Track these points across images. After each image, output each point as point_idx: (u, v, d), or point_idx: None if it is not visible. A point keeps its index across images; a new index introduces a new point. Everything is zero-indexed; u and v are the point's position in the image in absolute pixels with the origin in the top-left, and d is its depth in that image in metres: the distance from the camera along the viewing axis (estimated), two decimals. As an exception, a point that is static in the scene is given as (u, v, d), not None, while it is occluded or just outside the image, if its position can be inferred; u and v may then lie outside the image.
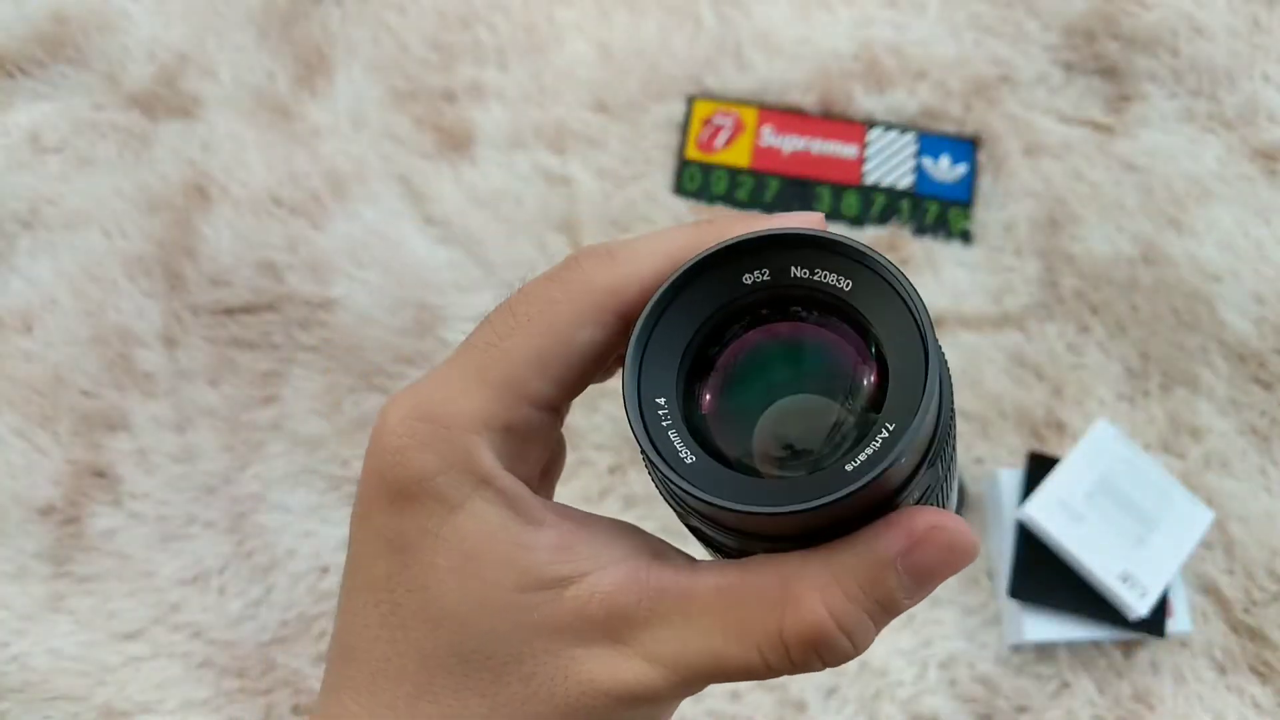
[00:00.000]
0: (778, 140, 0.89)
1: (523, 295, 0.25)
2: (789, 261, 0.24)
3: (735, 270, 0.24)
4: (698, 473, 0.22)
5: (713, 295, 0.24)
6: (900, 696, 0.72)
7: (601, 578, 0.23)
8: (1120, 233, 0.85)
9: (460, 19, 0.94)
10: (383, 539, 0.24)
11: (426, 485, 0.23)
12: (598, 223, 0.86)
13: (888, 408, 0.22)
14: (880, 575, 0.22)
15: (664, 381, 0.23)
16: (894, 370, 0.22)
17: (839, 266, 0.23)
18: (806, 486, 0.21)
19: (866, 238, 0.85)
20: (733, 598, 0.22)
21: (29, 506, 0.78)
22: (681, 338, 0.24)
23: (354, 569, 0.24)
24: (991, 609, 0.75)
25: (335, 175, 0.88)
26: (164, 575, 0.77)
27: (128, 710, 0.73)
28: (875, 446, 0.21)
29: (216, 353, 0.83)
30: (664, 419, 0.23)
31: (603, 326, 0.24)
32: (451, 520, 0.23)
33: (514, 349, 0.24)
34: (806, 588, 0.22)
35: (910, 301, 0.22)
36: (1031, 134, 0.89)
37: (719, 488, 0.22)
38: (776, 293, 0.24)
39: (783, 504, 0.21)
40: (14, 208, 0.88)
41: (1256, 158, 0.88)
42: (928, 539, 0.22)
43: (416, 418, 0.23)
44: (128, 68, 0.93)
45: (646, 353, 0.23)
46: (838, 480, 0.21)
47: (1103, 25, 0.92)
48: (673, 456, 0.22)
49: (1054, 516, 0.72)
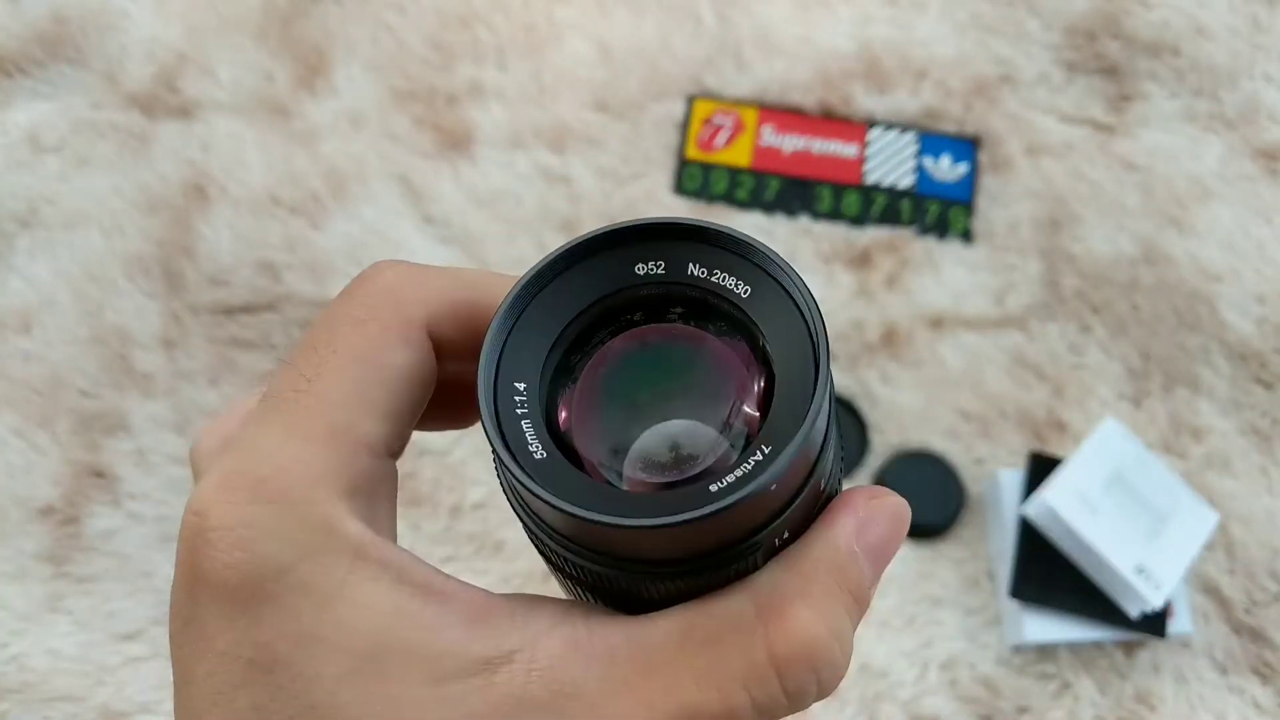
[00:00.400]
0: (778, 140, 0.89)
1: (323, 323, 0.21)
2: (687, 257, 0.21)
3: (628, 257, 0.21)
4: (547, 472, 0.19)
5: (602, 280, 0.21)
6: (901, 697, 0.72)
7: (536, 651, 0.19)
8: (1121, 232, 0.85)
9: (460, 18, 0.94)
10: (237, 659, 0.18)
11: (286, 580, 0.18)
12: (598, 222, 0.86)
13: (768, 427, 0.19)
14: (846, 564, 0.20)
15: (528, 366, 0.21)
16: (780, 388, 0.20)
17: (740, 270, 0.21)
18: (663, 501, 0.19)
19: (867, 237, 0.85)
20: (699, 635, 0.19)
21: (28, 507, 0.78)
22: (558, 320, 0.21)
23: (198, 709, 0.18)
24: (992, 610, 0.75)
25: (334, 175, 0.88)
26: (163, 575, 0.76)
27: (127, 711, 0.73)
28: (746, 468, 0.19)
29: (216, 353, 0.82)
30: (520, 406, 0.20)
31: (414, 345, 0.21)
32: (331, 615, 0.18)
33: (329, 389, 0.20)
34: (786, 598, 0.19)
35: (808, 317, 0.20)
36: (1033, 134, 0.89)
37: (567, 491, 0.19)
38: (668, 288, 0.21)
39: (631, 516, 0.18)
40: (13, 207, 0.88)
41: (1258, 157, 0.88)
42: (873, 512, 0.21)
43: (246, 498, 0.19)
44: (127, 67, 0.93)
45: (515, 328, 0.21)
46: (698, 498, 0.18)
47: (1104, 25, 0.92)
48: (522, 450, 0.19)
49: (1072, 507, 0.71)
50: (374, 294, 0.21)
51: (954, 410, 0.80)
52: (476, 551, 0.76)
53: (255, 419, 0.20)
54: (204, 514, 0.19)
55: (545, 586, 0.75)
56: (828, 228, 0.86)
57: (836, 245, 0.85)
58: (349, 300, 0.21)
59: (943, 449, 0.79)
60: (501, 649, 0.19)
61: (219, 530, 0.18)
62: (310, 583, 0.18)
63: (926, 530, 0.76)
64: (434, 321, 0.21)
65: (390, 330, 0.21)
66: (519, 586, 0.75)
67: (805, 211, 0.87)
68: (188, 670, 0.19)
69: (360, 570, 0.19)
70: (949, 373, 0.81)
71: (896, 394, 0.80)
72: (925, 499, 0.77)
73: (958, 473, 0.78)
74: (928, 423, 0.79)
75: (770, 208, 0.87)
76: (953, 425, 0.79)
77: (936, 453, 0.78)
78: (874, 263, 0.85)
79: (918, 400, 0.80)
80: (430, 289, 0.22)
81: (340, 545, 0.19)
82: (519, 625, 0.19)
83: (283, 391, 0.20)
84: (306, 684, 0.18)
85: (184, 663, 0.19)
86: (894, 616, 0.74)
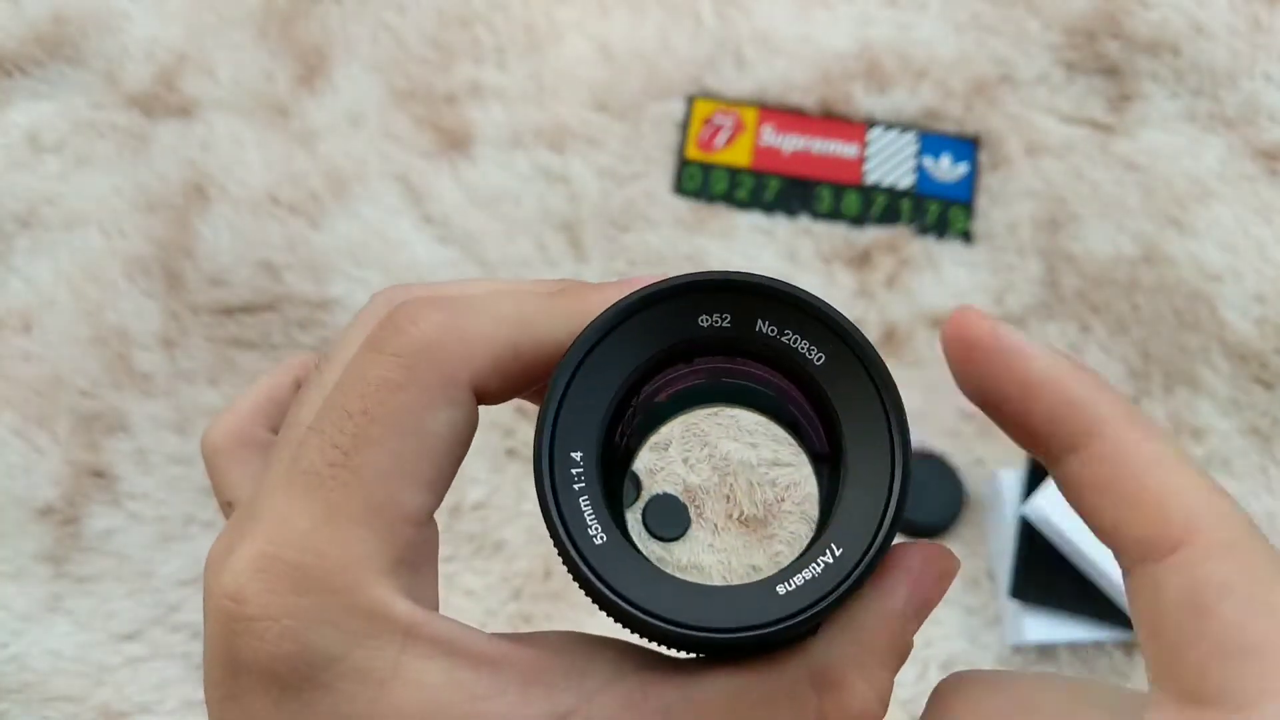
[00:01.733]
0: (778, 140, 0.89)
1: (352, 382, 0.19)
2: (755, 313, 0.20)
3: (690, 309, 0.20)
4: (607, 559, 0.19)
5: (660, 334, 0.20)
6: (900, 697, 0.72)
7: (592, 710, 0.19)
8: (1121, 232, 0.85)
9: (460, 18, 0.94)
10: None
11: (338, 668, 0.18)
12: (598, 222, 0.86)
13: (835, 523, 0.19)
14: (899, 631, 0.20)
15: (584, 432, 0.19)
16: (851, 476, 0.19)
17: (813, 334, 0.20)
18: (727, 600, 0.19)
19: (867, 237, 0.85)
20: (753, 698, 0.19)
21: (28, 507, 0.78)
22: (611, 383, 0.20)
23: None
24: (992, 610, 0.75)
25: (334, 175, 0.88)
26: (163, 576, 0.76)
27: (126, 711, 0.73)
28: (815, 572, 0.18)
29: (216, 353, 0.82)
30: (576, 480, 0.19)
31: (458, 405, 0.20)
32: (387, 697, 0.18)
33: (368, 465, 0.19)
34: (841, 670, 0.19)
35: (889, 411, 0.19)
36: (1033, 133, 0.89)
37: (628, 581, 0.19)
38: (737, 346, 0.20)
39: (694, 618, 0.18)
40: (12, 207, 0.88)
41: (1258, 157, 0.88)
42: (924, 575, 0.21)
43: (290, 589, 0.18)
44: (126, 67, 0.93)
45: (566, 397, 0.19)
46: (764, 602, 0.18)
47: (1104, 25, 0.92)
48: (581, 533, 0.19)
49: (1065, 511, 0.71)
50: (410, 350, 0.19)
51: (954, 410, 0.80)
52: (476, 551, 0.76)
53: (287, 492, 0.19)
54: (243, 601, 0.18)
55: (545, 586, 0.75)
56: (828, 228, 0.86)
57: (836, 245, 0.85)
58: (379, 355, 0.19)
59: (943, 449, 0.79)
60: (557, 708, 0.19)
61: (263, 621, 0.18)
62: (363, 669, 0.18)
63: (926, 530, 0.76)
64: (478, 377, 0.20)
65: (432, 394, 0.19)
66: (519, 587, 0.75)
67: (805, 211, 0.87)
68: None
69: (411, 649, 0.19)
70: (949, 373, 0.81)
71: (896, 394, 0.80)
72: (925, 499, 0.77)
73: (958, 473, 0.78)
74: (928, 423, 0.79)
75: (770, 208, 0.87)
76: (953, 425, 0.79)
77: (936, 453, 0.78)
78: (874, 263, 0.85)
79: (918, 400, 0.80)
80: (472, 340, 0.20)
81: (390, 627, 0.19)
82: (574, 684, 0.19)
83: (316, 465, 0.19)
84: None
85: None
86: (894, 616, 0.74)
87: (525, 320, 0.20)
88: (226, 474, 0.23)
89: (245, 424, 0.23)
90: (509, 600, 0.75)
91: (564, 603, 0.74)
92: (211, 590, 0.19)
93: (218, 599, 0.19)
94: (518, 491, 0.78)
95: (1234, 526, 0.18)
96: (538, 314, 0.21)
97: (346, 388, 0.19)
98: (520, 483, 0.78)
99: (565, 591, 0.75)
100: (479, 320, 0.20)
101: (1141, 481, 0.19)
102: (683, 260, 0.85)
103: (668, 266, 0.84)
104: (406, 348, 0.19)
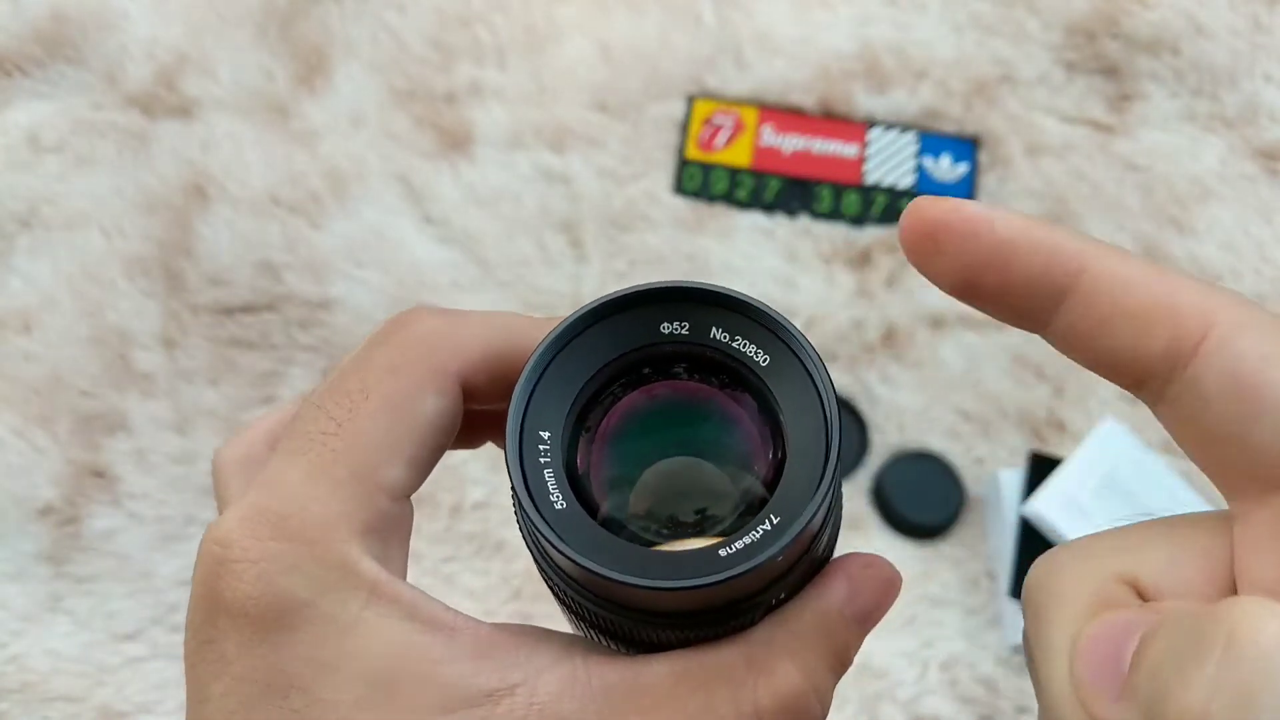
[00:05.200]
0: (778, 140, 0.89)
1: (355, 366, 0.22)
2: (711, 321, 0.22)
3: (653, 316, 0.22)
4: (565, 522, 0.20)
5: (627, 336, 0.22)
6: (901, 697, 0.72)
7: (536, 685, 0.20)
8: (1121, 232, 0.85)
9: (460, 18, 0.94)
10: (254, 683, 0.19)
11: (305, 613, 0.19)
12: (598, 222, 0.86)
13: (778, 497, 0.21)
14: (835, 628, 0.21)
15: (553, 416, 0.21)
16: (791, 459, 0.21)
17: (760, 339, 0.22)
18: (674, 562, 0.20)
19: (867, 237, 0.85)
20: (692, 681, 0.20)
21: (28, 507, 0.78)
22: (583, 373, 0.22)
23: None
24: (992, 610, 0.75)
25: (334, 175, 0.88)
26: (163, 575, 0.76)
27: (126, 711, 0.73)
28: (755, 537, 0.20)
29: (216, 352, 0.82)
30: (544, 455, 0.21)
31: (446, 394, 0.22)
32: (347, 646, 0.19)
33: (359, 434, 0.21)
34: (776, 655, 0.21)
35: (823, 394, 0.21)
36: (1032, 133, 0.89)
37: (582, 544, 0.20)
38: (691, 349, 0.22)
39: (642, 576, 0.20)
40: (13, 208, 0.88)
41: (1258, 157, 0.88)
42: (865, 581, 0.22)
43: (270, 535, 0.20)
44: (126, 67, 0.93)
45: (542, 379, 0.22)
46: (708, 563, 0.20)
47: (1104, 25, 0.92)
48: (543, 498, 0.21)
49: (1060, 512, 0.71)
50: (409, 342, 0.22)
51: (954, 410, 0.80)
52: (477, 551, 0.76)
53: (282, 456, 0.21)
54: (228, 545, 0.20)
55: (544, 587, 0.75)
56: (828, 228, 0.86)
57: (836, 245, 0.85)
58: (383, 346, 0.22)
59: (942, 449, 0.79)
60: (505, 682, 0.20)
61: (242, 563, 0.20)
62: (328, 616, 0.20)
63: (926, 530, 0.76)
64: (466, 370, 0.22)
65: (423, 379, 0.22)
66: (519, 587, 0.75)
67: (805, 211, 0.87)
68: (203, 687, 0.20)
69: (374, 606, 0.20)
70: (949, 373, 0.81)
71: (896, 394, 0.80)
72: (925, 499, 0.77)
73: (957, 473, 0.78)
74: (928, 423, 0.79)
75: (770, 208, 0.87)
76: (953, 425, 0.79)
77: (936, 452, 0.78)
78: (874, 263, 0.85)
79: (918, 400, 0.80)
80: (464, 339, 0.22)
81: (356, 582, 0.20)
82: (522, 660, 0.20)
83: (311, 433, 0.21)
84: (321, 709, 0.19)
85: (200, 680, 0.20)
86: (894, 616, 0.74)
87: (513, 330, 0.23)
88: (229, 486, 0.25)
89: (255, 445, 0.25)
90: (509, 600, 0.75)
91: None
92: (203, 542, 0.21)
93: (207, 546, 0.20)
94: (518, 491, 0.78)
95: (1248, 305, 0.18)
96: (525, 327, 0.23)
97: (349, 371, 0.22)
98: (520, 483, 0.78)
99: (565, 591, 0.75)
100: (472, 325, 0.23)
101: (1143, 293, 0.18)
102: (683, 260, 0.85)
103: (668, 266, 0.84)
104: (406, 340, 0.22)
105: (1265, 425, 0.17)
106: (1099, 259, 0.19)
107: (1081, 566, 0.19)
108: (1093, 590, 0.18)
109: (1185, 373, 0.18)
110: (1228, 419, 0.17)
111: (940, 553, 0.76)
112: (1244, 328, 0.18)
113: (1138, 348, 0.18)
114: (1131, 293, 0.18)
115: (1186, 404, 0.18)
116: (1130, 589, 0.18)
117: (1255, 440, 0.17)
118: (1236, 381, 0.17)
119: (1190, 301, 0.18)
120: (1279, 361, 0.17)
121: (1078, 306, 0.19)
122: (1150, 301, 0.18)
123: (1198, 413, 0.18)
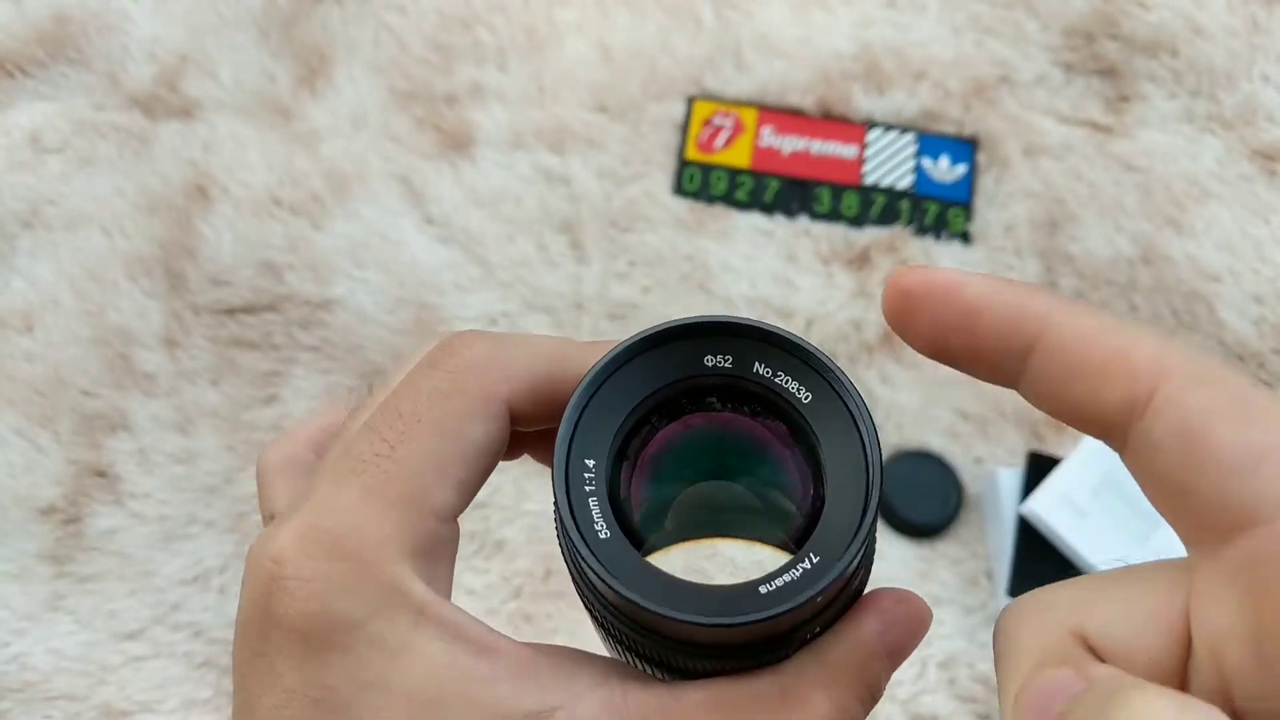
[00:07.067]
0: (777, 141, 0.90)
1: (406, 390, 0.22)
2: (754, 356, 0.23)
3: (698, 349, 0.23)
4: (608, 551, 0.21)
5: (671, 367, 0.23)
6: (900, 696, 0.72)
7: (576, 709, 0.20)
8: (1119, 233, 0.85)
9: (460, 19, 0.94)
10: (304, 698, 0.20)
11: (356, 634, 0.20)
12: (598, 223, 0.86)
13: (818, 536, 0.21)
14: (868, 662, 0.22)
15: (598, 444, 0.22)
16: (831, 497, 0.21)
17: (804, 377, 0.22)
18: (714, 597, 0.20)
19: (866, 238, 0.86)
20: (727, 710, 0.21)
21: (30, 506, 0.78)
22: (627, 402, 0.22)
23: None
24: (991, 609, 0.75)
25: (335, 175, 0.88)
26: (165, 575, 0.77)
27: (128, 710, 0.73)
28: (795, 575, 0.20)
29: (217, 353, 0.83)
30: (588, 483, 0.21)
31: (494, 419, 0.22)
32: (396, 667, 0.20)
33: (411, 457, 0.21)
34: (809, 687, 0.21)
35: (864, 434, 0.22)
36: (1031, 134, 0.89)
37: (625, 573, 0.20)
38: (734, 383, 0.23)
39: (682, 610, 0.20)
40: (15, 208, 0.88)
41: (1255, 158, 0.88)
42: (898, 616, 0.22)
43: (325, 555, 0.20)
44: (128, 68, 0.93)
45: (589, 408, 0.22)
46: (748, 601, 0.20)
47: (1102, 26, 0.92)
48: (588, 526, 0.21)
49: (1057, 512, 0.72)
50: (460, 368, 0.22)
51: (953, 410, 0.80)
52: (477, 551, 0.77)
53: (334, 475, 0.22)
54: (282, 562, 0.20)
55: (545, 586, 0.75)
56: (827, 228, 0.86)
57: (836, 245, 0.86)
58: (434, 371, 0.22)
59: (941, 448, 0.79)
60: (545, 704, 0.20)
61: (296, 580, 0.20)
62: (378, 637, 0.20)
63: (925, 529, 0.77)
64: (513, 395, 0.23)
65: (473, 405, 0.22)
66: (519, 586, 0.75)
67: (804, 212, 0.87)
68: (253, 699, 0.21)
69: (422, 627, 0.21)
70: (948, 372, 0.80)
71: (896, 394, 0.80)
72: (924, 498, 0.77)
73: (956, 472, 0.78)
74: (927, 422, 0.80)
75: (770, 208, 0.87)
76: (951, 425, 0.80)
77: (935, 452, 0.78)
78: (873, 263, 0.85)
79: (917, 400, 0.80)
80: (512, 364, 0.23)
81: (405, 604, 0.21)
82: (562, 683, 0.21)
83: (364, 454, 0.22)
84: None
85: (249, 691, 0.21)
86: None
87: (560, 357, 0.23)
88: (273, 488, 0.25)
89: (299, 448, 0.26)
90: (509, 599, 0.75)
91: (564, 602, 0.75)
92: (255, 557, 0.21)
93: (261, 561, 0.21)
94: (518, 491, 0.78)
95: (1201, 360, 0.18)
96: (572, 353, 0.23)
97: (401, 395, 0.22)
98: (521, 483, 0.78)
99: (566, 592, 0.75)
100: (520, 351, 0.23)
101: (1099, 348, 0.19)
102: (682, 260, 0.85)
103: (668, 267, 0.85)
104: (457, 366, 0.22)
105: (1209, 478, 0.18)
106: (1060, 315, 0.19)
107: (1036, 620, 0.19)
108: (1043, 644, 0.19)
109: (1140, 424, 0.18)
110: (1177, 470, 0.18)
111: (939, 552, 0.77)
112: (1193, 381, 0.18)
113: (1096, 401, 0.19)
114: (1089, 347, 0.19)
115: (1143, 455, 0.19)
116: (1080, 644, 0.18)
117: (1202, 492, 0.18)
118: (1183, 434, 0.18)
119: (1144, 355, 0.19)
120: (1222, 416, 0.18)
121: (1040, 363, 0.20)
122: (1106, 356, 0.19)
123: (1152, 463, 0.18)
